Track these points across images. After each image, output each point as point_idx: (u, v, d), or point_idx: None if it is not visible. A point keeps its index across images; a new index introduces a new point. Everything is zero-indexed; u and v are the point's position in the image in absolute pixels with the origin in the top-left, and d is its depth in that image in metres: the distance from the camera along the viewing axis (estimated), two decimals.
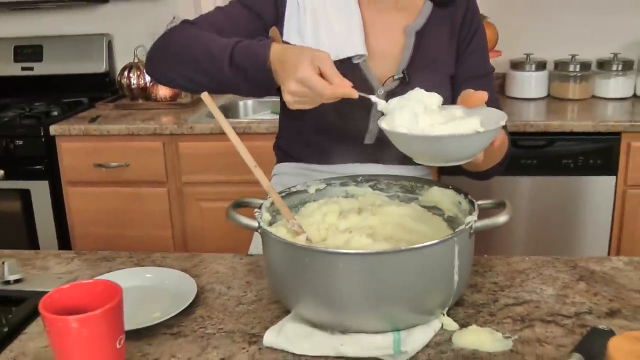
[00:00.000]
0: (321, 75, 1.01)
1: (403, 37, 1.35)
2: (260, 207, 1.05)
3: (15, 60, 3.33)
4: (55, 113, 2.89)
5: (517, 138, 2.51)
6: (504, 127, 1.21)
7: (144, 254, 1.27)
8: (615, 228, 2.60)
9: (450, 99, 1.32)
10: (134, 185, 2.71)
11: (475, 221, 0.95)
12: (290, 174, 1.42)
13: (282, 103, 1.37)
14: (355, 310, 0.91)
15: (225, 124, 1.03)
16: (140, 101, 3.08)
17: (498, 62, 3.01)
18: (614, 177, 2.55)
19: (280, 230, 1.03)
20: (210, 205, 2.70)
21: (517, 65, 2.99)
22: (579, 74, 2.92)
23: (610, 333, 0.91)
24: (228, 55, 1.14)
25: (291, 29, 1.33)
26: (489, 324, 1.00)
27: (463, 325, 0.99)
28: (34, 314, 1.06)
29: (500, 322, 1.01)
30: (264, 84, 1.12)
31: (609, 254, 2.63)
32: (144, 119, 2.74)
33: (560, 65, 2.97)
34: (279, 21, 1.33)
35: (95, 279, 0.89)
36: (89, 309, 0.81)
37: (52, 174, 2.73)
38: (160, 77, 1.29)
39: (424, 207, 1.15)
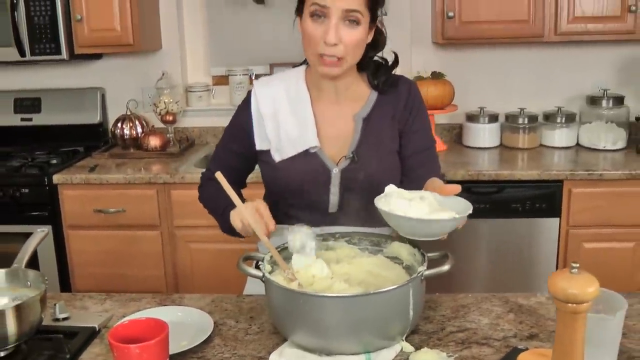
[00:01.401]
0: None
1: (352, 122, 1.64)
2: (263, 261, 1.36)
3: (15, 112, 3.58)
4: (55, 161, 3.16)
5: (472, 185, 2.85)
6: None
7: (165, 295, 1.58)
8: (560, 263, 2.92)
9: (399, 170, 1.65)
10: (129, 229, 2.99)
11: (424, 270, 1.28)
12: (275, 234, 1.64)
13: (265, 185, 1.72)
14: (338, 338, 1.23)
15: (235, 198, 1.35)
16: (132, 150, 3.37)
17: (455, 115, 3.38)
18: (557, 219, 2.88)
19: (278, 278, 1.34)
20: (199, 247, 2.99)
21: (472, 118, 3.34)
22: (527, 126, 3.27)
23: (526, 351, 1.23)
24: (220, 216, 1.64)
25: (258, 137, 1.66)
26: (437, 346, 1.32)
27: (417, 347, 1.30)
28: (85, 343, 1.35)
29: (445, 345, 1.33)
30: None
31: None
32: (138, 168, 3.04)
33: (510, 117, 3.32)
34: (251, 138, 1.68)
35: (147, 317, 1.18)
36: (142, 339, 1.11)
37: (54, 219, 3.00)
38: None
39: (387, 257, 1.48)
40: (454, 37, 3.11)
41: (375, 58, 1.67)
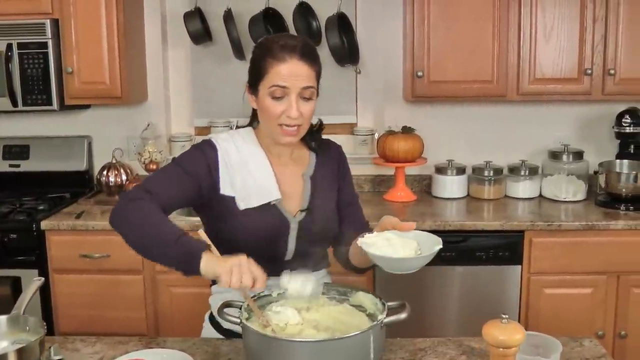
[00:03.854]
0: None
1: (302, 180, 1.86)
2: (240, 309, 1.52)
3: (4, 158, 3.71)
4: (42, 207, 3.30)
5: (438, 235, 2.99)
6: None
7: (150, 338, 1.73)
8: (523, 308, 3.09)
9: (338, 217, 1.88)
10: (113, 273, 3.12)
11: (384, 318, 1.45)
12: (229, 291, 1.70)
13: (218, 233, 1.74)
14: None
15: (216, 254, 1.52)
16: (117, 197, 3.51)
17: (424, 167, 3.57)
18: (519, 267, 3.06)
19: (254, 324, 1.49)
20: (180, 291, 3.12)
21: (440, 170, 3.53)
22: (493, 178, 3.47)
23: None
24: (173, 244, 1.55)
25: (225, 184, 1.77)
26: None
27: None
28: None
29: None
30: (191, 272, 1.56)
31: None
32: None
33: (477, 170, 3.52)
34: (213, 181, 1.75)
35: (135, 358, 1.33)
36: None
37: (41, 263, 3.12)
38: (120, 234, 1.68)
39: (352, 305, 1.64)
40: (423, 95, 3.32)
41: None
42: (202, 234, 1.58)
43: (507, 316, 1.11)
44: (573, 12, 3.20)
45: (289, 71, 1.69)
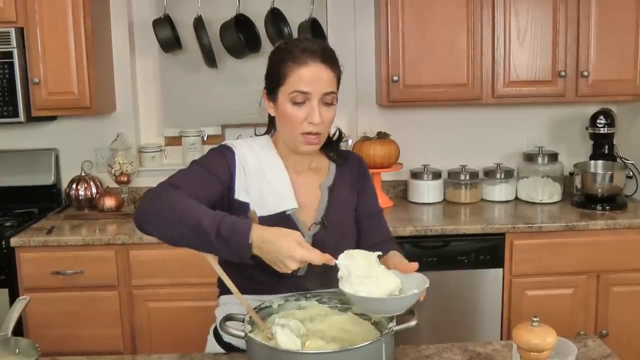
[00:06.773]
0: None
1: (319, 192, 1.79)
2: (243, 321, 1.46)
3: None
4: (10, 224, 3.16)
5: (419, 240, 3.01)
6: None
7: (145, 356, 1.65)
8: (505, 310, 3.09)
9: (356, 231, 1.81)
10: (87, 289, 3.01)
11: (394, 326, 1.40)
12: (236, 303, 1.64)
13: None
14: None
15: (235, 290, 1.47)
16: (87, 211, 3.40)
17: (400, 172, 3.55)
18: (501, 269, 3.06)
19: (258, 336, 1.43)
20: (157, 306, 3.04)
21: (416, 175, 3.51)
22: (469, 182, 3.47)
23: None
24: (215, 228, 1.44)
25: (240, 189, 1.70)
26: None
27: None
28: None
29: None
30: (240, 253, 1.43)
31: (501, 332, 3.11)
32: (96, 229, 3.08)
33: (452, 174, 3.51)
34: (231, 182, 1.69)
35: None
36: None
37: (11, 282, 2.99)
38: (152, 233, 1.55)
39: (356, 314, 1.59)
40: (399, 100, 3.30)
41: None
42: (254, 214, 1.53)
43: (537, 319, 1.08)
44: (545, 15, 3.22)
45: (311, 75, 1.64)
